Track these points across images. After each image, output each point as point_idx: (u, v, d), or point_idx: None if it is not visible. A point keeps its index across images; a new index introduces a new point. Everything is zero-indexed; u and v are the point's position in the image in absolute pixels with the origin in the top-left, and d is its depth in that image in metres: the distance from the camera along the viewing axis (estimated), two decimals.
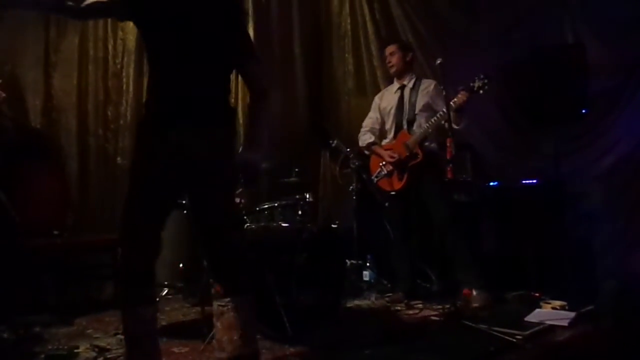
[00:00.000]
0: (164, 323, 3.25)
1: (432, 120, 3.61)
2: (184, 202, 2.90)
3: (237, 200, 2.99)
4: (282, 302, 2.82)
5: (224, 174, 2.06)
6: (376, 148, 3.92)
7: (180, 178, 2.03)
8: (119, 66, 4.74)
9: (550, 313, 3.14)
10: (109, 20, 4.62)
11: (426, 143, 3.72)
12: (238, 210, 3.12)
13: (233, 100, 4.82)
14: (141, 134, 2.07)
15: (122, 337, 1.97)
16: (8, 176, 3.41)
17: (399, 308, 3.59)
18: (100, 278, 3.97)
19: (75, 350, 2.74)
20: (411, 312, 3.46)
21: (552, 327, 2.89)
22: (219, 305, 2.04)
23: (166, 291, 4.13)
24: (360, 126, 4.12)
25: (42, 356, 2.66)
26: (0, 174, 3.32)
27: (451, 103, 3.41)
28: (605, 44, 4.08)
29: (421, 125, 3.70)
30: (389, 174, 3.80)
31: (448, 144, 3.17)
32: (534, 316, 3.08)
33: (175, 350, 2.71)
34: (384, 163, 3.81)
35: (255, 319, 2.11)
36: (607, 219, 3.98)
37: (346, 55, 5.40)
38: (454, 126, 3.56)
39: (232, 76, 2.23)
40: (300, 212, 3.53)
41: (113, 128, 4.70)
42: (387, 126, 3.94)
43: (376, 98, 4.12)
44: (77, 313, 3.46)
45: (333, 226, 4.15)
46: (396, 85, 3.95)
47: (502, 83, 4.12)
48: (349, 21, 5.38)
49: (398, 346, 2.76)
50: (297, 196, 3.57)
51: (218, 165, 2.03)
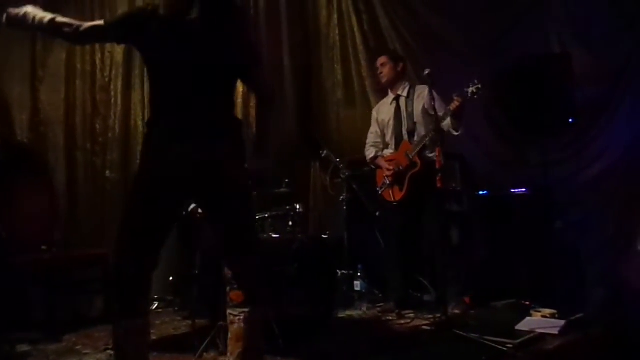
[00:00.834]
0: (155, 337, 3.21)
1: (429, 125, 3.63)
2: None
3: None
4: (273, 313, 2.80)
5: (243, 185, 2.08)
6: (379, 161, 3.94)
7: (190, 193, 2.06)
8: (107, 79, 4.72)
9: (540, 321, 3.15)
10: None
11: (427, 152, 3.71)
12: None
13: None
14: (148, 151, 2.04)
15: (112, 353, 1.95)
16: None
17: (391, 318, 3.59)
18: (89, 293, 3.92)
19: None
20: (402, 322, 3.46)
21: (543, 335, 2.89)
22: (231, 313, 2.04)
23: (156, 305, 4.10)
24: (349, 136, 4.15)
25: None
26: None
27: (448, 109, 3.46)
28: (591, 53, 4.14)
29: (420, 134, 3.72)
30: (391, 185, 3.81)
31: (437, 154, 3.19)
32: (525, 324, 3.09)
33: None
34: (387, 175, 3.83)
35: (263, 333, 2.10)
36: (596, 227, 4.01)
37: (335, 65, 5.42)
38: (453, 132, 3.59)
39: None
40: (290, 223, 3.54)
41: (101, 141, 4.66)
42: (387, 138, 3.95)
43: (373, 112, 4.14)
44: (66, 329, 3.40)
45: (324, 236, 4.15)
46: (391, 96, 3.96)
47: (490, 93, 4.15)
48: (337, 32, 5.41)
49: (390, 356, 2.77)
50: (288, 207, 3.57)
51: (237, 176, 2.05)
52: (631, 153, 4.01)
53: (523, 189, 4.07)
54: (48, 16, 1.99)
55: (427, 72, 3.26)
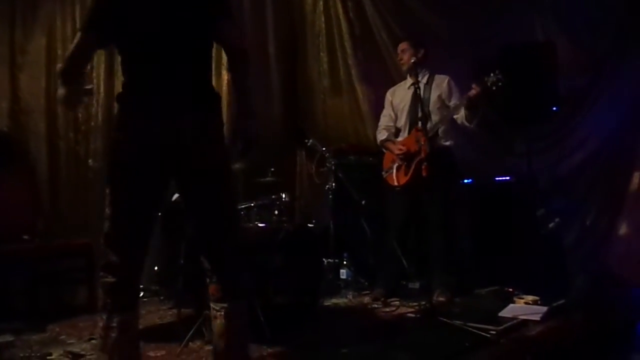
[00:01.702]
0: (140, 326, 3.17)
1: (443, 114, 3.63)
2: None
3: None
4: (260, 303, 2.80)
5: (221, 163, 2.02)
6: (389, 144, 3.91)
7: (170, 174, 1.99)
8: (89, 66, 4.65)
9: (523, 308, 3.20)
10: (77, 19, 4.51)
11: (442, 140, 3.70)
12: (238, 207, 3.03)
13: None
14: (121, 130, 1.95)
15: (97, 342, 1.94)
16: None
17: (376, 306, 3.61)
18: (72, 283, 3.89)
19: (48, 357, 2.69)
20: (388, 310, 3.48)
21: (525, 322, 2.94)
22: (214, 308, 2.02)
23: (141, 294, 4.07)
24: (335, 125, 4.12)
25: None
26: None
27: (466, 95, 3.44)
28: (574, 42, 4.15)
29: (433, 122, 3.70)
30: (398, 168, 3.79)
31: (422, 143, 3.19)
32: (508, 311, 3.14)
33: (151, 354, 2.67)
34: (397, 154, 3.80)
35: (247, 326, 2.08)
36: (578, 215, 4.06)
37: (321, 53, 5.38)
38: (466, 124, 3.58)
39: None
40: (276, 212, 3.54)
41: (84, 130, 4.60)
42: (401, 123, 3.90)
43: (388, 94, 4.07)
44: (50, 319, 3.38)
45: (310, 225, 4.15)
46: (409, 81, 3.85)
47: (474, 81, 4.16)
48: (323, 19, 5.36)
49: (375, 344, 2.79)
50: (274, 196, 3.57)
51: (215, 153, 1.99)
52: (613, 141, 4.06)
53: (507, 177, 4.11)
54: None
55: (414, 60, 3.29)
